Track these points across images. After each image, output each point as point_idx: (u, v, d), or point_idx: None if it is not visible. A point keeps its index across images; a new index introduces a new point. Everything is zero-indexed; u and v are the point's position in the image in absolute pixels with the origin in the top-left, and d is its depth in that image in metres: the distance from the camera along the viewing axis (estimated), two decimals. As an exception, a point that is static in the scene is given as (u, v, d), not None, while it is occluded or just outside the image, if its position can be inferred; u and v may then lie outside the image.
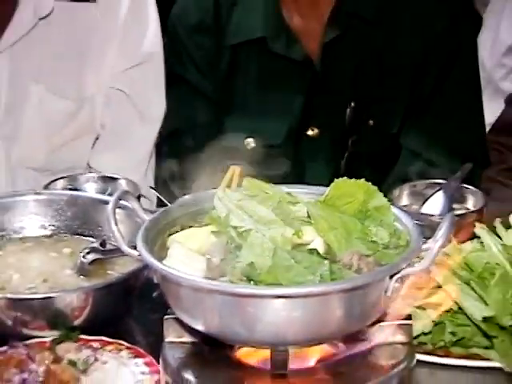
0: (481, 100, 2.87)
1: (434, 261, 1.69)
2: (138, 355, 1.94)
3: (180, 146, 2.93)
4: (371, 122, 2.76)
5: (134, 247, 1.74)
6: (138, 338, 2.04)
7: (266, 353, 1.71)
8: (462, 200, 2.40)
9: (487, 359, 1.92)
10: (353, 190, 1.82)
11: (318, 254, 1.69)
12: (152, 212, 1.96)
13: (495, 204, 2.49)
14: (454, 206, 2.39)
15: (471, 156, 2.83)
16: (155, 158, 2.94)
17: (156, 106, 2.87)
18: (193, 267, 1.72)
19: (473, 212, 2.33)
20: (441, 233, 1.67)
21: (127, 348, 1.96)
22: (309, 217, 1.79)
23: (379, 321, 1.75)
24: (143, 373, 1.89)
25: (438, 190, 2.42)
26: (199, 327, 1.72)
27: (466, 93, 2.85)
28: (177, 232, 1.84)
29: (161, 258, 1.72)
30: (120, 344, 1.98)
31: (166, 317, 1.79)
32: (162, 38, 2.91)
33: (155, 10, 2.88)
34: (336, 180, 1.85)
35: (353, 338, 1.74)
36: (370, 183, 1.87)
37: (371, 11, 2.75)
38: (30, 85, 2.75)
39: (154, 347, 1.91)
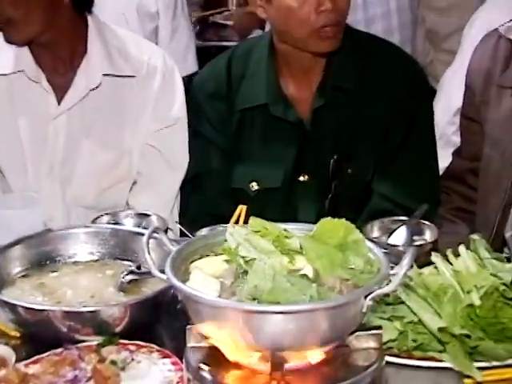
0: (436, 153, 2.86)
1: (400, 283, 1.68)
2: (165, 356, 1.98)
3: (199, 187, 2.84)
4: (350, 171, 2.80)
5: (162, 271, 1.78)
6: (165, 342, 2.06)
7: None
8: (420, 233, 2.39)
9: (441, 361, 1.94)
10: (335, 227, 1.87)
11: (308, 278, 1.76)
12: (177, 242, 1.98)
13: (446, 236, 2.46)
14: (414, 237, 2.39)
15: (427, 198, 2.82)
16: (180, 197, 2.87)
17: (181, 158, 2.90)
18: (209, 288, 1.77)
19: (429, 243, 2.34)
20: (405, 262, 1.73)
21: (157, 350, 2.00)
22: (301, 248, 1.84)
23: (356, 331, 1.77)
24: (170, 370, 1.94)
25: (401, 225, 2.45)
26: (213, 335, 1.76)
27: (424, 148, 2.86)
28: (197, 260, 1.86)
29: (184, 281, 1.77)
30: (151, 347, 2.02)
31: (189, 326, 1.81)
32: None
33: (181, 83, 2.93)
34: (322, 219, 1.90)
35: (336, 344, 1.74)
36: (348, 222, 1.91)
37: (351, 84, 2.79)
38: (82, 140, 2.80)
39: (179, 350, 1.92)
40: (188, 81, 3.11)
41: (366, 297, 1.71)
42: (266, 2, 2.78)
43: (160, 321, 2.15)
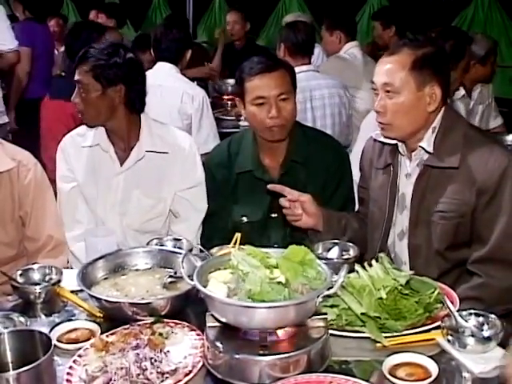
0: (354, 198, 2.88)
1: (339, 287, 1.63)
2: (192, 330, 1.92)
3: (212, 222, 2.88)
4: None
5: (191, 277, 1.75)
6: (191, 321, 1.98)
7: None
8: (347, 250, 2.33)
9: (363, 332, 1.91)
10: (297, 250, 1.84)
11: (282, 284, 1.71)
12: (199, 257, 1.99)
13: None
14: (343, 253, 2.32)
15: None
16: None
17: (203, 205, 2.86)
18: (220, 291, 1.73)
19: (353, 257, 2.30)
20: (342, 274, 1.67)
21: (187, 326, 1.94)
22: (276, 264, 1.76)
23: (311, 316, 1.74)
24: (195, 339, 1.88)
25: (335, 245, 2.37)
26: (223, 319, 1.70)
27: (346, 197, 2.89)
28: (212, 271, 1.81)
29: (205, 286, 1.74)
30: (183, 324, 1.95)
31: (207, 313, 1.76)
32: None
33: (200, 160, 2.88)
34: (290, 246, 1.85)
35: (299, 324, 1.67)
36: (306, 248, 1.82)
37: (302, 159, 2.78)
38: (133, 190, 2.75)
39: (200, 326, 1.89)
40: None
41: (318, 296, 1.67)
42: (243, 107, 2.77)
43: (188, 307, 2.07)
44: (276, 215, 2.82)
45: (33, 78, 5.50)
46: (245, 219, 2.83)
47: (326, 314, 1.81)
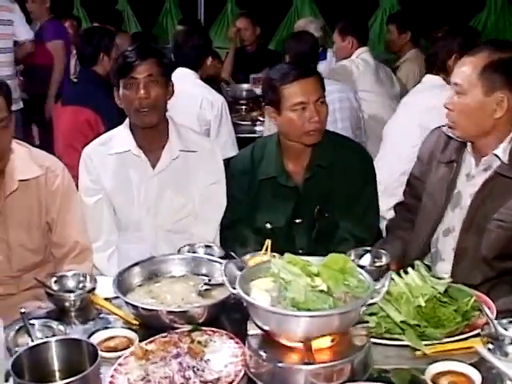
0: (377, 204, 2.91)
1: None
2: (231, 338, 1.91)
3: (235, 228, 2.88)
4: (326, 215, 2.76)
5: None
6: (227, 329, 1.96)
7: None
8: (379, 257, 2.30)
9: (402, 340, 1.90)
10: (337, 258, 1.82)
11: (325, 292, 1.69)
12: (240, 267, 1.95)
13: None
14: (375, 260, 2.30)
15: (370, 231, 2.90)
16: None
17: (222, 203, 2.89)
18: (262, 299, 1.72)
19: (385, 264, 2.28)
20: (386, 282, 1.67)
21: (225, 334, 1.93)
22: (318, 272, 1.74)
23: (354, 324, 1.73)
24: (235, 347, 1.86)
25: (367, 252, 2.33)
26: (266, 328, 1.71)
27: (370, 201, 2.89)
28: (253, 280, 1.80)
29: (248, 294, 1.73)
30: (221, 332, 1.94)
31: (249, 321, 1.76)
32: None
33: (221, 158, 2.93)
34: (330, 254, 1.84)
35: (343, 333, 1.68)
36: (345, 255, 1.82)
37: (326, 164, 2.77)
38: (166, 190, 2.78)
39: (237, 334, 1.90)
40: (227, 161, 3.09)
41: (362, 305, 1.67)
42: (277, 114, 2.76)
43: (223, 315, 2.07)
44: (300, 221, 2.82)
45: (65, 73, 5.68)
46: (269, 226, 2.83)
47: (367, 322, 1.81)
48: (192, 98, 4.08)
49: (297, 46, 4.24)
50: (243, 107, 5.32)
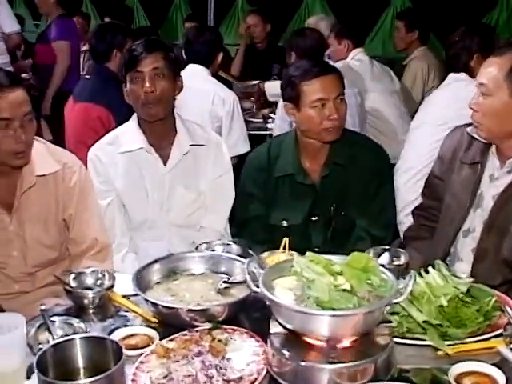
0: (394, 202, 2.93)
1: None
2: (251, 336, 1.90)
3: (249, 226, 2.89)
4: (343, 213, 2.78)
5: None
6: (246, 327, 1.95)
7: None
8: (397, 256, 2.29)
9: (424, 340, 1.89)
10: (360, 257, 1.81)
11: (349, 291, 1.68)
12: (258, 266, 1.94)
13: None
14: (394, 259, 2.29)
15: (387, 229, 2.91)
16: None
17: (230, 194, 2.91)
18: (286, 297, 1.73)
19: (404, 263, 2.26)
20: (410, 282, 1.65)
21: (245, 332, 1.92)
22: (341, 271, 1.73)
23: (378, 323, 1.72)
24: (256, 346, 1.85)
25: (385, 251, 2.31)
26: (290, 326, 1.70)
27: (387, 200, 2.90)
28: (276, 278, 1.81)
29: (271, 292, 1.72)
30: (241, 330, 1.93)
31: (271, 319, 1.77)
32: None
33: (227, 151, 2.94)
34: (352, 253, 1.83)
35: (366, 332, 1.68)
36: (367, 254, 1.81)
37: (343, 161, 2.78)
38: (177, 186, 2.78)
39: (257, 332, 1.89)
40: (238, 158, 3.09)
41: (387, 304, 1.67)
42: (296, 110, 2.75)
43: (242, 313, 2.06)
44: (317, 218, 2.82)
45: (69, 72, 5.73)
46: (285, 223, 2.84)
47: (390, 321, 1.80)
48: (204, 94, 4.07)
49: (302, 41, 4.25)
50: (254, 104, 5.31)
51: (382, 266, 2.20)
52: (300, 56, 4.22)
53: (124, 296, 2.19)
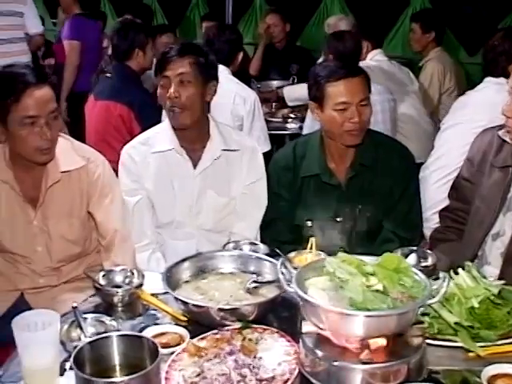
0: (420, 203, 2.90)
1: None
2: (282, 336, 1.90)
3: (275, 225, 2.89)
4: (368, 214, 2.77)
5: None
6: (276, 327, 1.95)
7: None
8: (425, 258, 2.29)
9: (455, 341, 1.89)
10: (392, 258, 1.81)
11: (382, 292, 1.68)
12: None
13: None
14: (421, 261, 2.29)
15: (414, 231, 2.91)
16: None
17: (263, 201, 2.87)
18: (319, 297, 1.72)
19: (431, 265, 2.26)
20: (445, 284, 1.64)
21: (276, 332, 1.92)
22: (373, 272, 1.74)
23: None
24: (287, 346, 1.86)
25: (412, 252, 2.30)
26: (323, 326, 1.70)
27: (413, 201, 2.88)
28: (309, 278, 1.81)
29: (304, 292, 1.72)
30: (272, 330, 1.93)
31: (304, 321, 1.77)
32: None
33: (262, 157, 2.90)
34: (384, 254, 1.84)
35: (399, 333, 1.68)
36: (400, 255, 1.81)
37: (369, 162, 2.77)
38: (207, 190, 2.77)
39: (287, 332, 1.90)
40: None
41: (421, 305, 1.67)
42: (320, 110, 2.76)
43: (272, 313, 2.06)
44: (342, 219, 2.82)
45: (82, 72, 5.64)
46: (309, 223, 2.84)
47: (423, 322, 1.80)
48: (225, 93, 4.05)
49: (341, 45, 4.23)
50: (273, 104, 5.31)
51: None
52: (336, 59, 4.20)
53: (153, 294, 2.20)
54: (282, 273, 1.83)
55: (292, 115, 5.05)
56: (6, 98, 2.29)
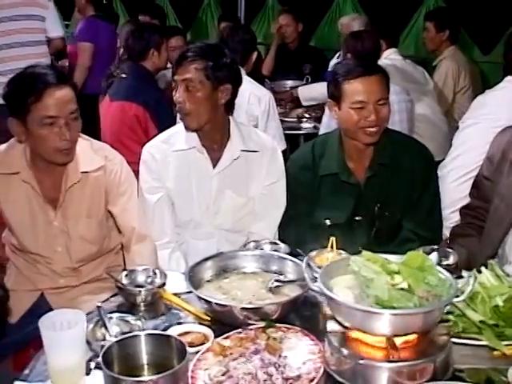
0: (439, 202, 2.89)
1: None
2: (306, 335, 1.90)
3: (293, 224, 2.87)
4: (387, 213, 2.78)
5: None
6: (299, 326, 1.95)
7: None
8: (446, 256, 2.27)
9: (479, 340, 1.89)
10: (416, 256, 1.82)
11: (408, 290, 1.68)
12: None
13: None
14: (442, 259, 2.26)
15: (434, 230, 2.89)
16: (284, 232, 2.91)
17: (282, 201, 2.86)
18: (344, 296, 1.72)
19: (453, 263, 2.24)
20: (471, 282, 1.63)
21: (300, 331, 1.92)
22: (398, 270, 1.74)
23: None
24: (311, 344, 1.86)
25: (433, 251, 2.26)
26: (349, 325, 1.71)
27: (432, 200, 2.86)
28: (333, 277, 1.82)
29: (329, 290, 1.72)
30: (295, 329, 1.93)
31: (328, 320, 1.78)
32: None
33: (281, 157, 2.90)
34: (408, 252, 1.84)
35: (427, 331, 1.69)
36: (425, 254, 1.80)
37: (388, 161, 2.77)
38: (226, 190, 2.77)
39: (309, 331, 1.90)
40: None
41: (446, 304, 1.67)
42: (338, 109, 2.76)
43: (294, 312, 2.06)
44: (360, 218, 2.82)
45: (94, 74, 5.65)
46: (328, 222, 2.84)
47: (448, 321, 1.80)
48: (239, 93, 4.06)
49: (361, 46, 4.23)
50: (288, 104, 5.31)
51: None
52: (355, 58, 4.21)
53: (175, 294, 2.20)
54: (307, 271, 1.83)
55: (306, 115, 5.05)
56: (27, 97, 2.31)
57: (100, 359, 1.53)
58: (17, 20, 4.88)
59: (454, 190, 3.23)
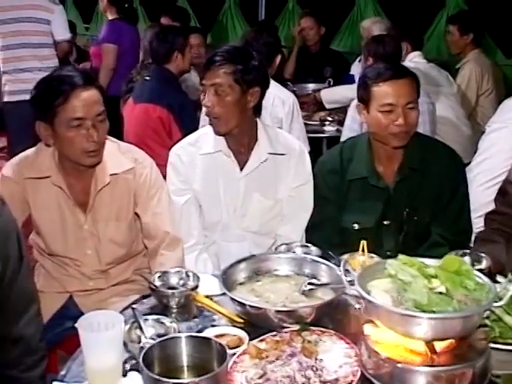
0: (469, 206, 2.89)
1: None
2: (340, 338, 1.90)
3: (322, 228, 2.88)
4: (415, 218, 2.78)
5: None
6: (332, 329, 1.96)
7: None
8: (478, 261, 2.25)
9: (515, 345, 1.86)
10: (453, 260, 1.82)
11: (446, 294, 1.67)
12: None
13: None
14: (475, 264, 2.24)
15: (463, 234, 2.87)
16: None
17: (309, 203, 2.86)
18: (382, 299, 1.72)
19: (486, 268, 2.23)
20: (510, 288, 1.62)
21: (334, 334, 1.93)
22: (435, 274, 1.72)
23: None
24: (346, 348, 1.86)
25: (465, 255, 2.26)
26: (386, 328, 1.69)
27: (462, 204, 2.86)
28: (370, 280, 1.80)
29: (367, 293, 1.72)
30: (330, 332, 1.94)
31: (366, 324, 1.76)
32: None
33: (309, 159, 2.90)
34: (445, 256, 1.84)
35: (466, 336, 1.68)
36: (460, 258, 1.80)
37: (417, 166, 2.77)
38: (253, 193, 2.77)
39: (344, 334, 1.91)
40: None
41: (486, 308, 1.67)
42: (366, 112, 2.76)
43: (327, 315, 2.05)
44: (389, 222, 2.82)
45: (116, 76, 5.72)
46: (356, 226, 2.84)
47: (487, 325, 1.79)
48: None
49: (383, 50, 4.23)
50: (310, 107, 5.31)
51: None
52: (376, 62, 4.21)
53: (207, 296, 2.21)
54: (345, 274, 1.83)
55: (329, 118, 5.05)
56: (54, 100, 2.31)
57: (140, 360, 1.54)
58: (22, 22, 5.01)
59: (481, 194, 3.21)
